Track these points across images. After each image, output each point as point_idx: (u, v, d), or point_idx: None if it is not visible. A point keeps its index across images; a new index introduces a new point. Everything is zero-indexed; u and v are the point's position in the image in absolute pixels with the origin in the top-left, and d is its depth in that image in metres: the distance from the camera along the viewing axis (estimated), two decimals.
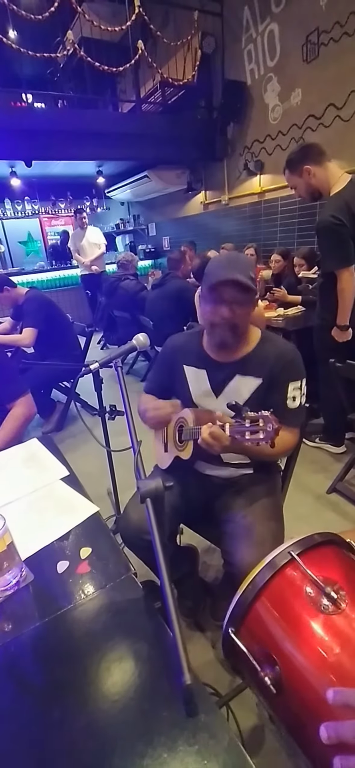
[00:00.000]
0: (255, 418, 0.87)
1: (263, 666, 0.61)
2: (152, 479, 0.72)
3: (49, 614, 0.73)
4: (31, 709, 0.58)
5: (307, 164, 2.10)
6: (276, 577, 0.67)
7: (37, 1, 4.66)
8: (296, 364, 1.17)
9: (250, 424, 0.88)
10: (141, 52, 4.36)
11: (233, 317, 1.10)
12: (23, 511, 1.04)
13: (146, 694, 0.56)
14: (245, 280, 1.06)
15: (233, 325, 1.11)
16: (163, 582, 0.60)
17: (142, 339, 1.17)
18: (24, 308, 3.06)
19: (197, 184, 6.11)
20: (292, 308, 3.19)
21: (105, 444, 1.80)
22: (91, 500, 1.05)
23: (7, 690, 0.62)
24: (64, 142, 4.49)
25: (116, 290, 4.33)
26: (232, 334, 1.13)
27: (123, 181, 6.83)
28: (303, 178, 2.13)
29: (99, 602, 0.73)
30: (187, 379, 1.28)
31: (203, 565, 1.77)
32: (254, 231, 5.21)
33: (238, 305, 1.09)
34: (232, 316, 1.10)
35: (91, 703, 0.57)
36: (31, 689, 0.62)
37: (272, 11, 4.16)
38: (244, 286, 1.06)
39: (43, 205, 7.30)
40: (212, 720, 0.51)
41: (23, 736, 0.55)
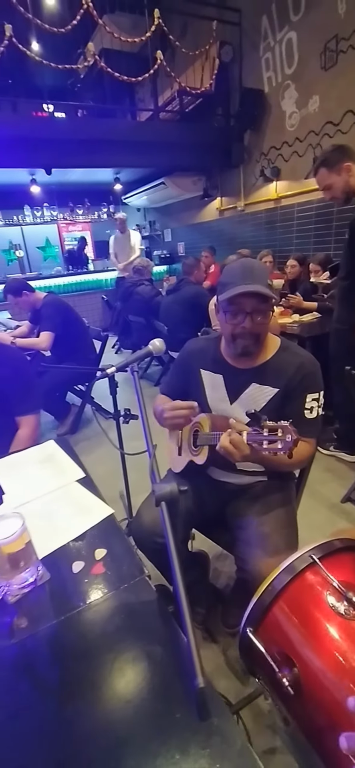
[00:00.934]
0: (274, 428, 0.87)
1: (280, 667, 0.61)
2: (167, 483, 0.73)
3: (64, 613, 0.74)
4: (47, 705, 0.60)
5: (348, 162, 2.05)
6: (296, 581, 0.67)
7: (59, 14, 4.81)
8: (315, 376, 1.16)
9: (268, 433, 0.88)
10: (160, 62, 4.43)
11: (254, 327, 1.11)
12: (40, 511, 1.06)
13: (159, 696, 0.57)
14: (264, 290, 1.06)
15: (255, 334, 1.12)
16: (177, 584, 0.60)
17: (158, 344, 1.18)
18: (42, 312, 3.12)
19: (213, 190, 6.14)
20: (307, 315, 3.16)
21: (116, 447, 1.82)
22: (106, 502, 1.06)
23: (24, 685, 0.64)
24: (84, 151, 4.59)
25: (132, 295, 4.38)
26: (254, 342, 1.14)
27: (140, 188, 6.92)
28: (342, 176, 2.08)
29: (113, 603, 0.75)
30: (203, 384, 1.29)
31: (214, 571, 1.77)
32: (269, 237, 5.20)
33: (258, 314, 1.10)
34: (253, 326, 1.11)
35: (105, 702, 0.59)
36: (47, 685, 0.64)
37: (291, 19, 4.17)
38: (264, 296, 1.07)
39: (61, 211, 7.46)
40: (224, 724, 0.52)
41: (39, 731, 0.56)
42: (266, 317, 1.11)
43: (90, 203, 7.61)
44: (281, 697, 0.64)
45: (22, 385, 1.63)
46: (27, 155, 4.42)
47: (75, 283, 7.03)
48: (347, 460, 2.52)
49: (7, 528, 0.78)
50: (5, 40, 3.74)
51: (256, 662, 0.71)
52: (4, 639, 0.71)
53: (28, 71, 4.97)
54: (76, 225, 7.75)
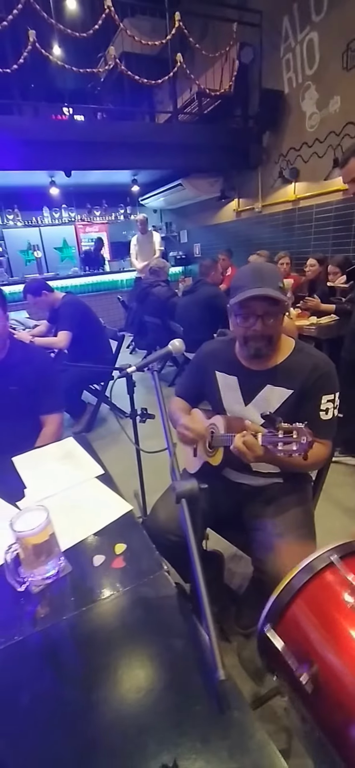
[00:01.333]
0: (289, 430, 0.88)
1: (299, 665, 0.62)
2: (187, 480, 0.75)
3: (85, 604, 0.77)
4: (70, 692, 0.62)
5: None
6: (314, 580, 0.68)
7: (81, 18, 4.89)
8: (330, 377, 1.16)
9: (283, 435, 0.88)
10: (179, 65, 4.45)
11: (265, 329, 1.11)
12: (60, 505, 1.09)
13: (179, 687, 0.59)
14: (274, 293, 1.07)
15: (267, 336, 1.13)
16: (197, 579, 0.62)
17: (177, 344, 1.20)
18: (60, 312, 3.18)
19: (231, 191, 6.13)
20: (325, 317, 3.13)
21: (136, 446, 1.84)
22: (124, 499, 1.09)
23: (48, 672, 0.67)
24: (103, 153, 4.66)
25: (148, 296, 4.41)
26: (266, 344, 1.15)
27: (157, 189, 6.97)
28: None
29: (133, 596, 0.76)
30: (218, 385, 1.30)
31: (227, 571, 1.77)
32: (287, 239, 5.16)
33: (269, 317, 1.11)
34: (264, 329, 1.11)
35: (126, 691, 0.60)
36: (70, 673, 0.66)
37: (312, 20, 4.13)
38: (274, 299, 1.07)
39: (79, 212, 7.57)
40: (243, 717, 0.53)
41: (62, 716, 0.58)
42: (277, 319, 1.12)
43: (107, 204, 7.71)
44: (299, 696, 0.64)
45: (45, 384, 1.67)
46: (48, 158, 4.51)
47: (91, 284, 7.13)
48: (351, 464, 2.48)
49: (33, 520, 0.80)
50: (29, 46, 3.83)
51: (274, 659, 0.72)
52: (29, 627, 0.73)
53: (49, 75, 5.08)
54: (93, 226, 7.85)
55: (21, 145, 4.13)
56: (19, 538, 0.79)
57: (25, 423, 1.63)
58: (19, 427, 1.60)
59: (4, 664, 0.67)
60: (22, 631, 0.72)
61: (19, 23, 3.78)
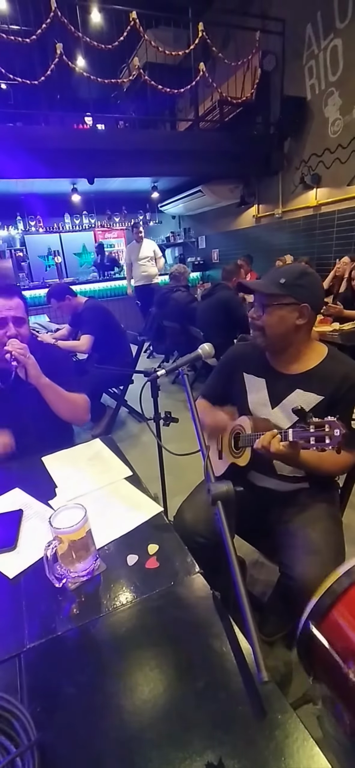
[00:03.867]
0: (320, 424, 0.88)
1: (346, 662, 0.61)
2: (223, 482, 0.76)
3: (122, 604, 0.78)
4: (114, 684, 0.63)
5: None
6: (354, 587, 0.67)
7: (104, 30, 5.01)
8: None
9: (315, 429, 0.89)
10: (202, 74, 4.50)
11: (256, 319, 1.19)
12: (91, 505, 1.10)
13: (221, 687, 0.59)
14: (253, 285, 1.21)
15: (259, 327, 1.19)
16: (236, 580, 0.62)
17: (207, 349, 1.20)
18: (83, 316, 3.25)
19: (251, 197, 6.13)
20: (348, 323, 3.08)
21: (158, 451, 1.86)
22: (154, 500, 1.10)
23: (84, 667, 0.68)
24: (124, 161, 4.74)
25: (168, 301, 4.45)
26: (261, 335, 1.20)
27: (176, 196, 7.03)
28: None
29: (169, 596, 0.77)
30: (246, 386, 1.31)
31: (250, 578, 1.76)
32: (307, 244, 5.12)
33: (258, 308, 1.18)
34: (256, 319, 1.19)
35: (168, 686, 0.61)
36: (113, 667, 0.67)
37: (336, 27, 4.12)
38: (263, 293, 1.17)
39: (99, 219, 7.71)
40: (287, 720, 0.53)
41: (107, 708, 0.59)
42: (263, 313, 1.17)
43: (127, 211, 7.81)
44: (345, 694, 0.64)
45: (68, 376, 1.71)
46: (72, 166, 4.63)
47: (109, 288, 7.23)
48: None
49: (71, 517, 0.83)
50: (56, 58, 3.95)
51: (316, 658, 0.71)
52: (67, 623, 0.75)
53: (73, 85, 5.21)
54: (113, 232, 7.98)
55: (46, 154, 4.25)
56: (57, 534, 0.82)
57: (50, 420, 1.66)
58: (44, 424, 1.63)
59: (46, 657, 0.69)
60: (62, 626, 0.74)
61: (46, 36, 3.91)
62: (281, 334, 1.16)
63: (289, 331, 1.16)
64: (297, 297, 1.12)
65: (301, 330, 1.17)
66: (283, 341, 1.18)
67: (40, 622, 0.76)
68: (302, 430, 0.93)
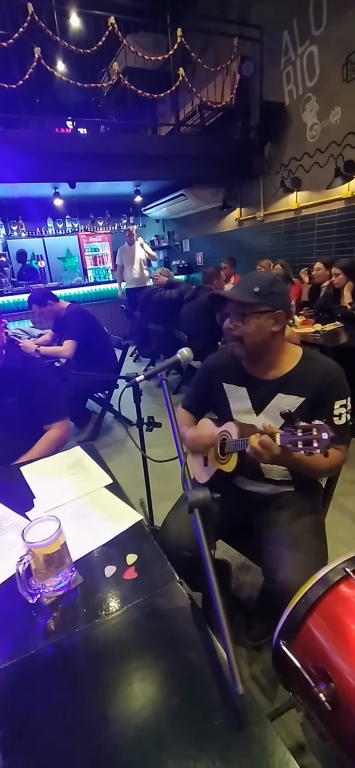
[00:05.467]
0: (308, 428, 0.88)
1: (317, 682, 0.61)
2: (200, 489, 0.74)
3: (98, 616, 0.76)
4: (85, 706, 0.61)
5: None
6: (330, 593, 0.67)
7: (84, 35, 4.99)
8: (341, 382, 1.16)
9: (302, 433, 0.88)
10: (181, 79, 4.52)
11: (233, 329, 1.18)
12: (70, 516, 1.08)
13: (197, 702, 0.57)
14: (225, 293, 1.20)
15: (236, 337, 1.18)
16: (212, 591, 0.61)
17: (186, 353, 1.20)
18: (65, 321, 3.20)
19: (233, 201, 6.18)
20: (330, 324, 3.13)
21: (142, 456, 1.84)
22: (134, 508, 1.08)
23: (62, 685, 0.66)
24: (106, 165, 4.72)
25: (150, 303, 4.44)
26: (239, 346, 1.19)
27: (159, 200, 7.04)
28: None
29: (146, 608, 0.75)
30: (227, 396, 1.30)
31: (236, 582, 1.75)
32: (289, 247, 5.19)
33: (234, 317, 1.18)
34: (233, 329, 1.18)
35: (141, 706, 0.59)
36: (85, 686, 0.65)
37: (312, 34, 4.20)
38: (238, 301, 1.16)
39: (82, 223, 7.65)
40: (264, 733, 0.52)
41: (78, 730, 0.57)
42: (241, 323, 1.16)
43: (110, 215, 7.78)
44: (317, 713, 0.63)
45: (46, 394, 1.65)
46: (53, 170, 4.57)
47: (95, 292, 7.18)
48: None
49: (44, 530, 0.80)
50: (34, 62, 3.91)
51: (290, 676, 0.70)
52: (42, 640, 0.73)
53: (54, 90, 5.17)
54: (96, 236, 7.93)
55: (27, 158, 4.19)
56: (30, 548, 0.79)
57: (28, 435, 1.61)
58: (21, 438, 1.58)
59: (19, 678, 0.66)
60: (36, 644, 0.72)
61: (24, 40, 3.86)
62: (259, 342, 1.16)
63: (266, 338, 1.16)
64: (272, 304, 1.13)
65: (277, 336, 1.17)
66: (261, 349, 1.18)
67: (12, 641, 0.73)
68: (290, 434, 0.92)
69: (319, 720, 0.64)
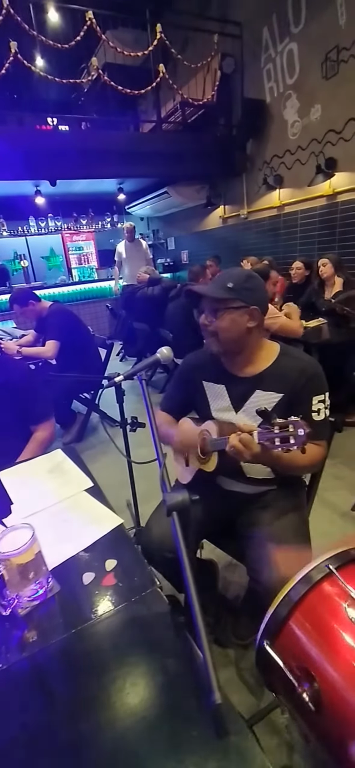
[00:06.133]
0: (284, 424, 0.87)
1: (300, 682, 0.59)
2: (178, 492, 0.72)
3: (75, 626, 0.73)
4: (59, 721, 0.59)
5: None
6: (313, 591, 0.66)
7: (63, 30, 4.90)
8: (318, 378, 1.16)
9: (279, 430, 0.87)
10: (162, 75, 4.49)
11: (208, 325, 1.17)
12: (48, 521, 1.05)
13: (175, 712, 0.56)
14: (198, 287, 1.20)
15: (212, 332, 1.17)
16: (190, 596, 0.59)
17: (165, 352, 1.18)
18: (47, 321, 3.14)
19: (217, 198, 6.18)
20: (313, 320, 3.15)
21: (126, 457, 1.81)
22: (114, 512, 1.05)
23: (36, 701, 0.63)
24: (87, 162, 4.64)
25: (134, 302, 4.40)
26: (215, 342, 1.18)
27: (143, 198, 6.98)
28: None
29: (125, 615, 0.73)
30: (206, 395, 1.29)
31: (223, 581, 1.74)
32: (273, 244, 5.21)
33: (209, 313, 1.17)
34: (208, 325, 1.17)
35: (119, 719, 0.57)
36: (59, 701, 0.62)
37: (291, 31, 4.22)
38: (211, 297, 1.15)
39: (65, 221, 7.53)
40: (242, 741, 0.50)
41: (51, 748, 0.55)
42: (216, 313, 1.15)
43: (94, 213, 7.69)
44: (300, 713, 0.62)
45: (29, 396, 1.64)
46: (32, 168, 4.47)
47: (79, 291, 7.09)
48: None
49: (17, 539, 0.77)
50: (11, 57, 3.81)
51: (273, 676, 0.69)
52: (15, 653, 0.70)
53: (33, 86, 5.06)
54: (80, 234, 7.83)
55: (5, 154, 4.09)
56: (2, 558, 0.76)
57: (12, 438, 1.59)
58: (9, 443, 1.56)
59: None
60: (9, 658, 0.69)
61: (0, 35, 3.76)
62: (234, 338, 1.16)
63: (241, 334, 1.15)
64: (246, 300, 1.12)
65: (253, 332, 1.16)
66: (237, 345, 1.18)
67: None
68: (267, 431, 0.91)
69: (302, 721, 0.63)
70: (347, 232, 4.11)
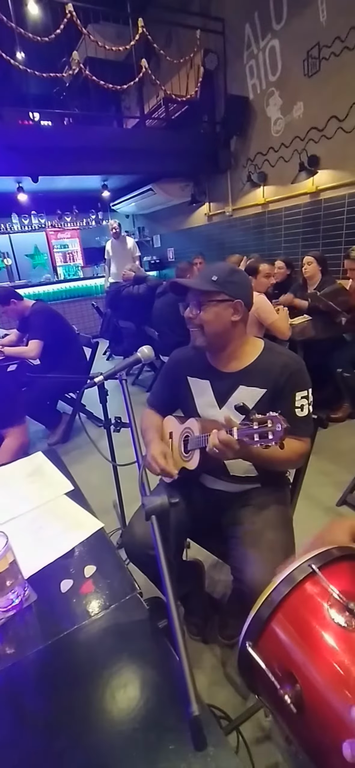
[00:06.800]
0: (263, 420, 0.86)
1: (282, 684, 0.58)
2: (157, 495, 0.71)
3: (52, 636, 0.71)
4: (33, 739, 0.56)
5: None
6: (295, 592, 0.64)
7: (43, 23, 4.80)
8: (301, 374, 1.15)
9: (258, 426, 0.86)
10: (145, 71, 4.44)
11: (193, 318, 1.16)
12: (26, 527, 1.02)
13: (153, 724, 0.54)
14: (184, 280, 1.19)
15: (197, 325, 1.16)
16: (169, 605, 0.57)
17: (146, 351, 1.16)
18: (30, 321, 3.08)
19: (201, 196, 6.17)
20: (298, 318, 3.17)
21: (110, 456, 1.78)
22: (95, 515, 1.03)
23: (9, 717, 0.60)
24: (70, 158, 4.57)
25: (120, 300, 4.35)
26: (200, 334, 1.17)
27: (128, 195, 6.92)
28: None
29: (103, 624, 0.71)
30: (191, 391, 1.27)
31: (210, 580, 1.73)
32: (258, 241, 5.23)
33: (193, 306, 1.16)
34: (192, 317, 1.16)
35: (95, 733, 0.55)
36: (34, 717, 0.60)
37: (273, 28, 4.23)
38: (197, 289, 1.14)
39: (49, 219, 7.41)
40: (220, 753, 0.49)
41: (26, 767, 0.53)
42: (201, 305, 1.14)
43: (78, 210, 7.58)
44: (282, 715, 0.61)
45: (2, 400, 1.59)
46: (13, 163, 4.37)
47: (65, 290, 6.98)
48: None
49: None
50: None
51: (256, 678, 0.68)
52: None
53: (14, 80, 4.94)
54: (65, 232, 7.71)
55: None
56: None
57: None
58: None
59: None
60: None
61: None
62: (218, 331, 1.15)
63: (226, 327, 1.14)
64: (230, 293, 1.12)
65: (237, 326, 1.16)
66: (221, 339, 1.17)
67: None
68: (247, 427, 0.90)
69: (284, 723, 0.62)
70: (331, 230, 4.15)
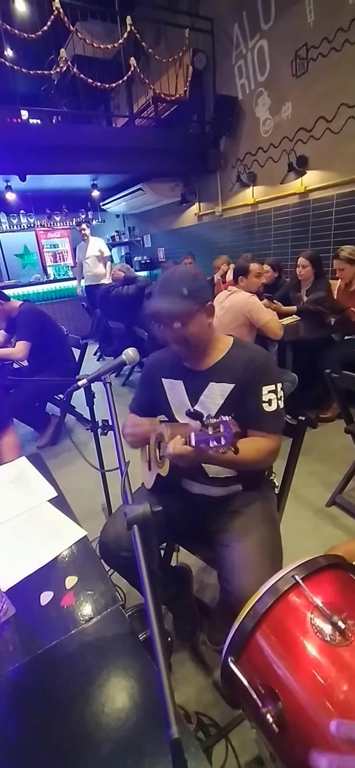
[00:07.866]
0: (216, 425, 0.84)
1: (264, 701, 0.56)
2: (140, 504, 0.68)
3: (30, 652, 0.68)
4: (6, 762, 0.53)
5: None
6: (279, 604, 0.63)
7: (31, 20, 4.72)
8: (267, 368, 1.14)
9: (213, 431, 0.84)
10: (133, 69, 4.40)
11: (176, 334, 1.11)
12: (5, 536, 0.99)
13: (131, 747, 0.51)
14: (167, 306, 1.07)
15: (182, 339, 1.12)
16: (150, 621, 0.55)
17: (131, 354, 1.14)
18: (17, 322, 3.02)
19: (191, 196, 6.15)
20: (287, 318, 3.17)
21: (97, 460, 1.75)
22: (79, 523, 1.00)
23: None
24: (59, 157, 4.51)
25: (109, 300, 4.31)
26: (185, 347, 1.14)
27: (118, 194, 6.87)
28: None
29: (83, 638, 0.68)
30: (165, 392, 1.26)
31: (199, 584, 1.72)
32: (247, 241, 5.23)
33: (175, 321, 1.09)
34: (174, 334, 1.11)
35: (74, 757, 0.52)
36: (12, 738, 0.57)
37: (261, 28, 4.23)
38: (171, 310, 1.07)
39: (38, 218, 7.32)
40: None
41: None
42: (187, 323, 1.10)
43: (68, 210, 7.50)
44: (265, 733, 0.59)
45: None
46: (1, 162, 4.30)
47: (54, 290, 6.91)
48: None
49: None
50: None
51: (239, 694, 0.66)
52: None
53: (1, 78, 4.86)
54: (55, 232, 7.63)
55: None
56: None
57: None
58: None
59: None
60: None
61: None
62: (201, 339, 1.15)
63: (204, 332, 1.15)
64: (201, 300, 1.10)
65: (211, 327, 1.17)
66: (202, 343, 1.17)
67: None
68: (203, 433, 0.88)
69: (267, 740, 0.60)
70: (319, 230, 4.17)
